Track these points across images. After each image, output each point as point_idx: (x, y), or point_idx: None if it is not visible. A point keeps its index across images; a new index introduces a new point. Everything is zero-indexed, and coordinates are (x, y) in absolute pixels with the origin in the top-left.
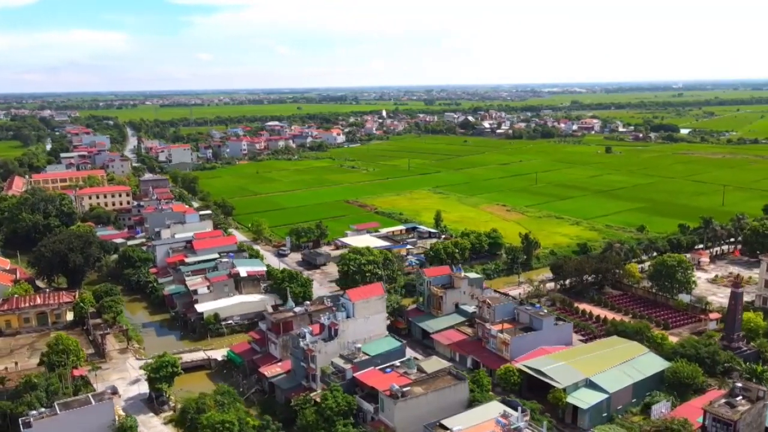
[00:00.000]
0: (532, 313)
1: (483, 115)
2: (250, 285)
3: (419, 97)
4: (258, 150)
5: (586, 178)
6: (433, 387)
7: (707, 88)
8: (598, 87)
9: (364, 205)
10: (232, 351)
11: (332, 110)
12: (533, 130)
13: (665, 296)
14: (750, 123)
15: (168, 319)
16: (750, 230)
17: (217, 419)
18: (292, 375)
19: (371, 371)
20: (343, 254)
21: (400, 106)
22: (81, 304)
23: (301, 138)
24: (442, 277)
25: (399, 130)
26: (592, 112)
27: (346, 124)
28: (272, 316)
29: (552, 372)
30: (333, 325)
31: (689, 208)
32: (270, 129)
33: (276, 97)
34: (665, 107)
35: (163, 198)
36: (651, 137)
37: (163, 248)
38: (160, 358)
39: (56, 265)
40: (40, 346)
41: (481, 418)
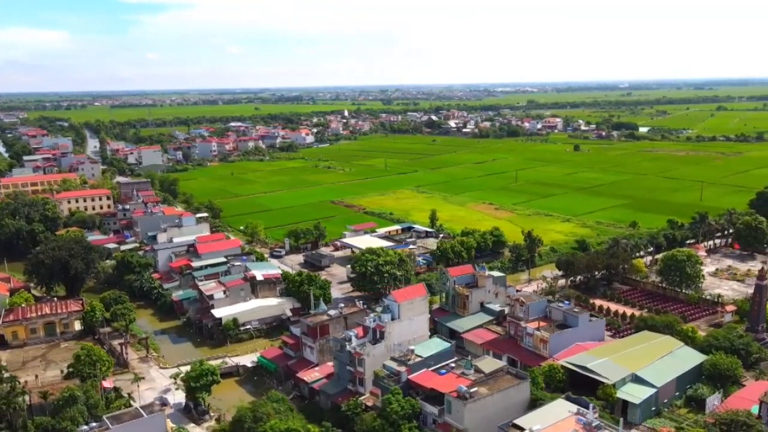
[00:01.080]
0: (565, 311)
1: (446, 115)
2: (266, 288)
3: (375, 97)
4: (228, 151)
5: (562, 175)
6: (497, 387)
7: (653, 88)
8: (549, 87)
9: (351, 205)
10: (263, 356)
11: (292, 110)
12: (499, 129)
13: (674, 290)
14: (702, 121)
15: (179, 326)
16: (743, 224)
17: (281, 428)
18: (336, 379)
19: (426, 373)
20: (357, 255)
21: (359, 106)
22: (92, 313)
23: (271, 138)
24: (466, 276)
25: (365, 130)
26: (550, 111)
27: (311, 124)
28: (308, 320)
29: (598, 368)
30: (379, 327)
31: (670, 204)
32: (236, 130)
33: (230, 97)
34: (618, 106)
35: (150, 201)
36: (614, 135)
37: (164, 253)
38: (200, 366)
39: (56, 272)
40: (52, 358)
41: (553, 416)
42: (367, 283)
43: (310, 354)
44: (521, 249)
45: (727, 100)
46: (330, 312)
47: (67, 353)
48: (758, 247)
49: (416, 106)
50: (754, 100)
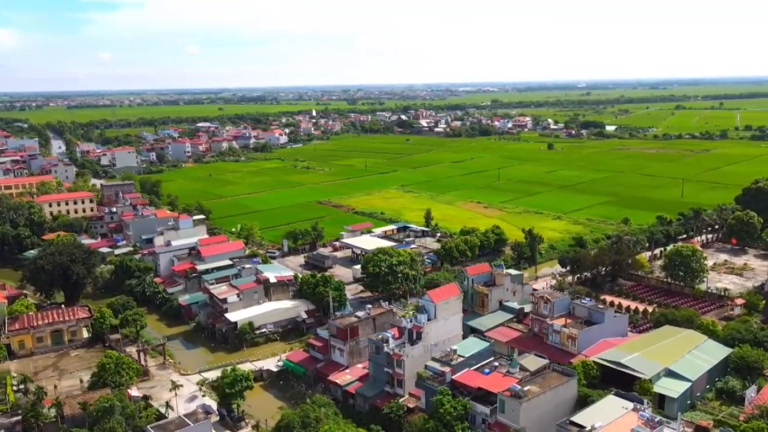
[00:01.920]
0: (590, 307)
1: (416, 114)
2: (279, 291)
3: (339, 97)
4: (201, 152)
5: (542, 174)
6: (546, 385)
7: (609, 88)
8: (509, 86)
9: (340, 205)
10: (289, 360)
11: (258, 110)
12: (471, 128)
13: (679, 285)
14: (664, 119)
15: (189, 331)
16: (734, 219)
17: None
18: (372, 381)
19: (469, 372)
20: (369, 255)
21: (324, 106)
22: (101, 320)
23: (244, 139)
24: (484, 275)
25: (336, 130)
26: (516, 111)
27: (281, 124)
28: (337, 322)
29: (632, 363)
30: (416, 327)
31: (653, 200)
32: (205, 130)
33: (190, 97)
34: (581, 105)
35: (138, 203)
36: (583, 134)
37: (166, 256)
38: (233, 372)
39: (57, 278)
40: (65, 366)
41: (610, 413)
42: (380, 283)
43: (339, 356)
44: (523, 247)
45: (683, 99)
46: (358, 313)
47: (79, 362)
48: (749, 242)
49: (382, 106)
50: (709, 99)
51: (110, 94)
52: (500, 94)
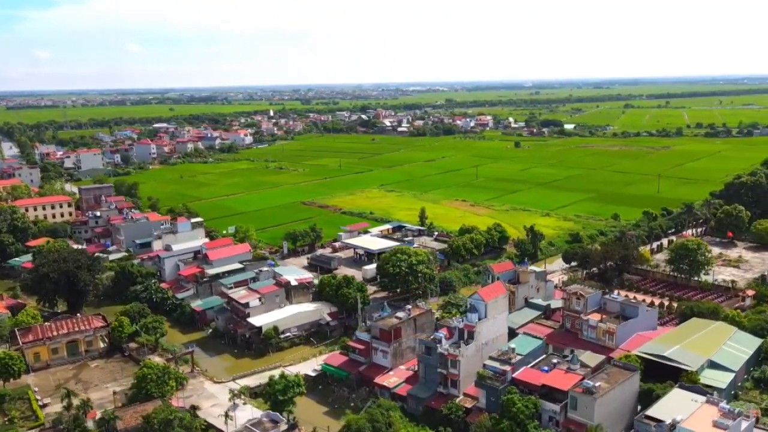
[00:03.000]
0: (623, 302)
1: (376, 114)
2: (300, 294)
3: (290, 96)
4: (167, 153)
5: (516, 172)
6: (613, 380)
7: (555, 87)
8: (458, 86)
9: (325, 206)
10: (327, 364)
11: (212, 111)
12: (434, 127)
13: (685, 278)
14: (617, 118)
15: (206, 337)
16: (723, 213)
17: None
18: (423, 383)
19: (528, 370)
20: (386, 255)
21: (281, 106)
22: (120, 329)
23: (209, 140)
24: (508, 273)
25: (298, 130)
26: (471, 110)
27: (241, 124)
28: (380, 324)
29: (675, 356)
30: (467, 327)
31: (631, 196)
32: (165, 131)
33: (137, 97)
34: (534, 104)
35: (124, 207)
36: (545, 132)
37: (171, 261)
38: (284, 378)
39: (62, 286)
40: (87, 378)
41: (683, 405)
42: (400, 283)
43: (382, 359)
44: (525, 244)
45: (629, 98)
46: (399, 314)
47: (101, 373)
48: (738, 235)
49: (337, 106)
50: (653, 98)
51: (50, 95)
52: (451, 93)
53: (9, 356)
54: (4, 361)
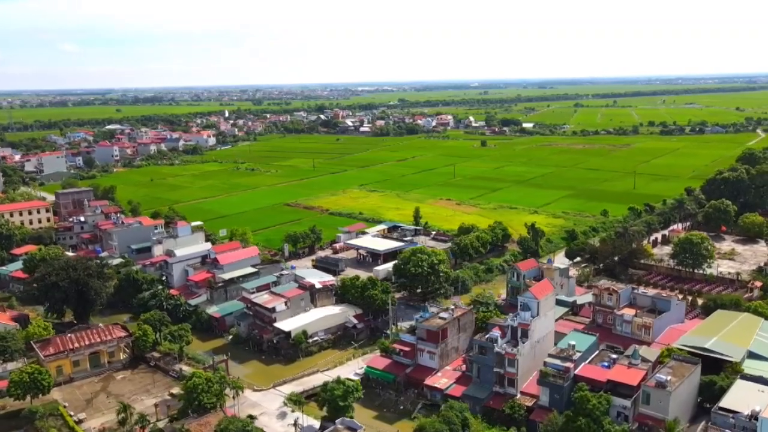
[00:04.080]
0: (654, 296)
1: (335, 114)
2: (323, 297)
3: (239, 97)
4: (129, 155)
5: (491, 170)
6: (680, 373)
7: (501, 87)
8: (407, 86)
9: (310, 207)
10: (371, 367)
11: (164, 112)
12: (398, 126)
13: (689, 271)
14: (570, 117)
15: (227, 344)
16: (711, 208)
17: None
18: (477, 383)
19: (588, 367)
20: (406, 255)
21: (236, 107)
22: (144, 338)
23: (172, 141)
24: (533, 270)
25: (259, 131)
26: (426, 109)
27: (198, 125)
28: (427, 324)
29: (716, 347)
30: (522, 325)
31: (610, 193)
32: (122, 133)
33: (78, 98)
34: (486, 104)
35: (110, 211)
36: (506, 131)
37: (179, 266)
38: (343, 383)
39: (72, 295)
40: (117, 391)
41: (753, 397)
42: (421, 283)
43: (429, 360)
44: (528, 241)
45: (576, 98)
46: (442, 314)
47: (131, 385)
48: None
49: (289, 106)
50: (599, 98)
51: None
52: (400, 93)
53: (37, 371)
54: (33, 375)
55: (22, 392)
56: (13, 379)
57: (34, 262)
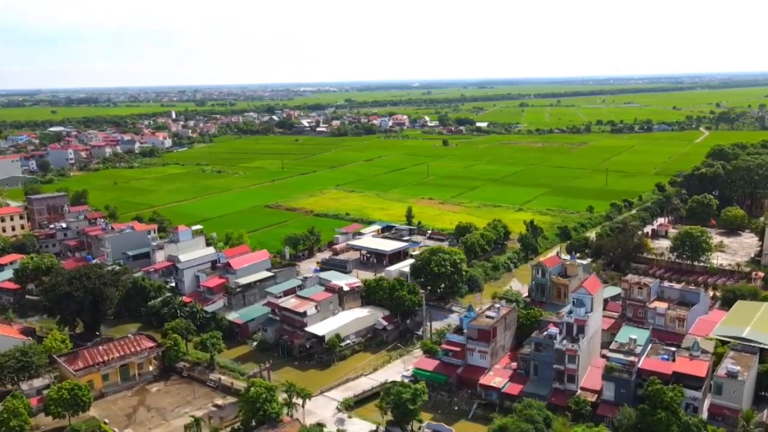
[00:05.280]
0: (682, 289)
1: (288, 114)
2: (351, 299)
3: (179, 98)
4: (85, 159)
5: (461, 169)
6: (745, 364)
7: (441, 87)
8: (348, 86)
9: (293, 208)
10: (419, 369)
11: (106, 113)
12: (355, 126)
13: (689, 263)
14: (519, 116)
15: (252, 351)
16: (694, 202)
17: None
18: (535, 381)
19: (651, 360)
20: (425, 255)
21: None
22: (175, 348)
23: (128, 144)
24: (556, 267)
25: (213, 132)
26: (375, 109)
27: (146, 126)
28: (478, 324)
29: (752, 336)
30: (578, 321)
31: (585, 189)
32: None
33: (5, 99)
34: (434, 104)
35: (95, 217)
36: (462, 130)
37: (190, 272)
38: (408, 387)
39: (87, 306)
40: (157, 404)
41: None
42: (445, 282)
43: (479, 359)
44: (528, 239)
45: (519, 97)
46: (489, 313)
47: (170, 397)
48: (709, 222)
49: (234, 107)
50: (540, 98)
51: None
52: (343, 94)
53: (76, 386)
54: (73, 391)
55: (63, 410)
56: (51, 396)
57: (26, 272)
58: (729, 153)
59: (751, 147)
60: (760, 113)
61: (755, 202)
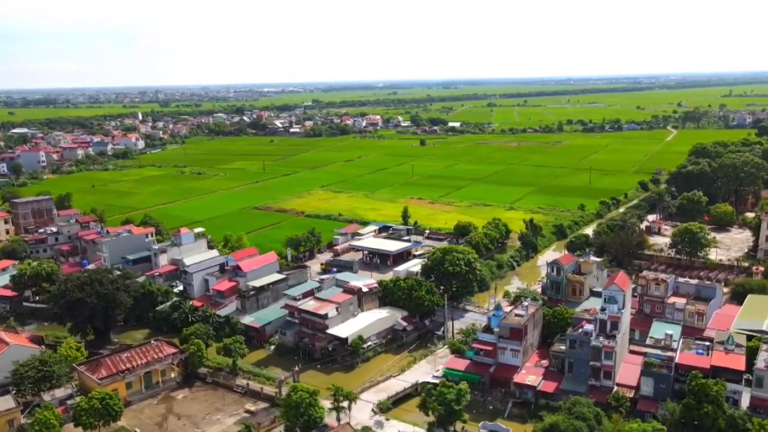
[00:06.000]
0: (698, 284)
1: (259, 115)
2: (369, 300)
3: (141, 99)
4: (57, 161)
5: (442, 169)
6: None
7: (406, 87)
8: (311, 86)
9: (283, 209)
10: (451, 369)
11: (68, 114)
12: (329, 127)
13: (688, 259)
14: (489, 115)
15: (271, 355)
16: (684, 199)
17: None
18: (570, 378)
19: (686, 355)
20: (439, 255)
21: (152, 108)
22: (199, 354)
23: (100, 146)
24: (571, 265)
25: (184, 133)
26: (345, 109)
27: (114, 127)
28: (510, 323)
29: None
30: (612, 318)
31: (570, 188)
32: (33, 137)
33: None
34: (403, 104)
35: (85, 221)
36: (436, 130)
37: (199, 275)
38: (451, 388)
39: (99, 312)
40: (188, 412)
41: None
42: (460, 281)
43: (511, 358)
44: (529, 237)
45: (484, 97)
46: (518, 312)
47: (198, 404)
48: (697, 218)
49: (199, 108)
50: (505, 98)
51: None
52: (309, 94)
53: (107, 395)
54: (104, 401)
55: (94, 420)
56: (82, 406)
57: (24, 278)
58: (711, 151)
59: (732, 145)
60: (721, 113)
61: (739, 198)
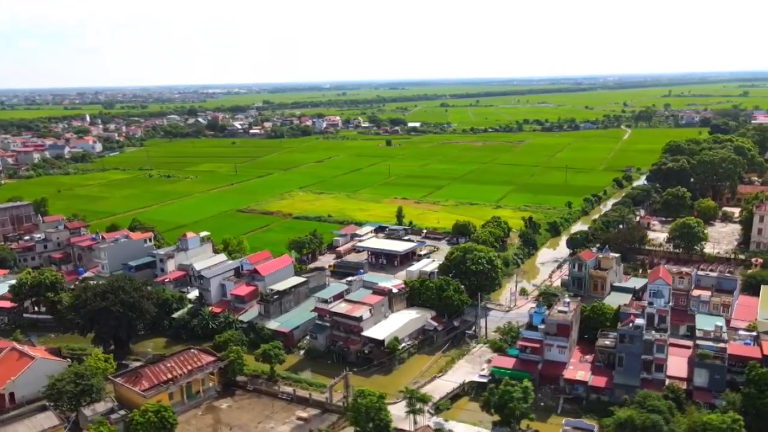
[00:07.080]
0: (719, 276)
1: (215, 116)
2: (398, 301)
3: (81, 100)
4: (12, 165)
5: (418, 168)
6: None
7: (353, 88)
8: (256, 87)
9: (268, 212)
10: (499, 367)
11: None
12: (291, 128)
13: (686, 252)
14: (444, 116)
15: (302, 360)
16: (669, 195)
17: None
18: (622, 372)
19: (736, 346)
20: (459, 255)
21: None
22: (239, 362)
23: (57, 149)
24: (591, 261)
25: (139, 136)
26: (299, 110)
27: (63, 130)
28: (557, 319)
29: None
30: (661, 312)
31: (549, 185)
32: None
33: None
34: (355, 104)
35: (74, 227)
36: (398, 130)
37: (216, 281)
38: (518, 386)
39: (124, 321)
40: (238, 422)
41: None
42: (481, 279)
43: (558, 354)
44: (529, 234)
45: (435, 98)
46: (561, 308)
47: (246, 413)
48: (682, 213)
49: (146, 109)
50: (456, 98)
51: None
52: (253, 95)
53: (162, 407)
54: (159, 413)
55: None
56: (137, 420)
57: (24, 288)
58: (685, 148)
59: (704, 143)
60: (667, 112)
61: (716, 194)
